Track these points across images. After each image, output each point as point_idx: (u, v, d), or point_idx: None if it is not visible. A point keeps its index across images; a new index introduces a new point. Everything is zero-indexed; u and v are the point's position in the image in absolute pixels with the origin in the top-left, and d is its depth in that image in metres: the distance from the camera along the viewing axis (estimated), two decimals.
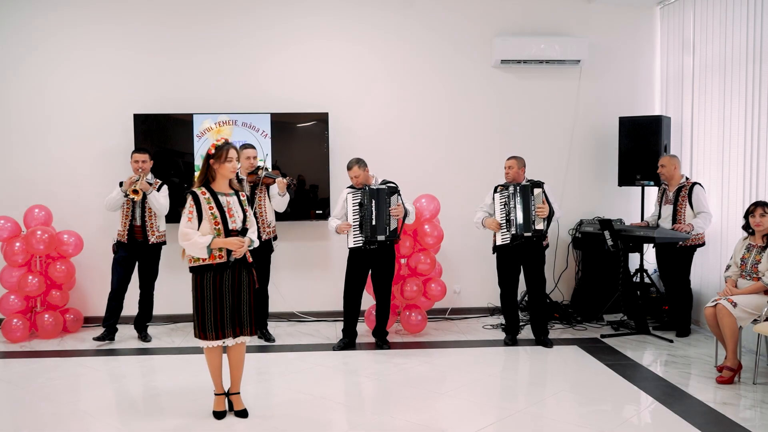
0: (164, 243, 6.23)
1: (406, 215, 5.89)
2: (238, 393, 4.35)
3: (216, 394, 4.34)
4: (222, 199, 4.18)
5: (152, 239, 6.09)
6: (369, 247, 5.77)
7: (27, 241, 6.21)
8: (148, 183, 6.00)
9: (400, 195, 5.90)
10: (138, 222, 6.05)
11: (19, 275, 6.29)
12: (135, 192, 5.86)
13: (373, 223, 5.72)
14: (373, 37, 7.09)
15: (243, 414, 4.29)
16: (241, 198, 4.29)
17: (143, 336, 6.25)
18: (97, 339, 6.11)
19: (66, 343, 6.23)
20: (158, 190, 6.09)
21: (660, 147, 6.67)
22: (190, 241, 4.07)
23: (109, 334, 6.17)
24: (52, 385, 5.01)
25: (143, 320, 6.30)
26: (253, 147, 6.08)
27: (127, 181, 5.95)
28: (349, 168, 5.85)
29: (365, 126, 7.07)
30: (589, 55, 7.10)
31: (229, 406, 4.36)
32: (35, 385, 5.00)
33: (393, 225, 5.82)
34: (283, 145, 6.85)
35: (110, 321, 6.17)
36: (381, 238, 5.75)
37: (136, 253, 6.14)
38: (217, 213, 4.13)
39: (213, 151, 4.18)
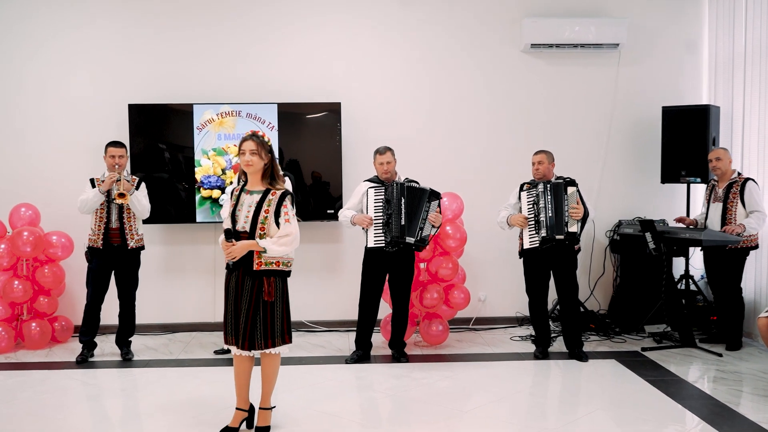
0: (143, 248, 6.06)
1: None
2: (266, 408, 4.36)
3: (236, 408, 4.37)
4: (244, 196, 4.22)
5: (131, 243, 5.92)
6: (391, 248, 5.76)
7: (12, 243, 6.25)
8: (126, 181, 5.86)
9: (440, 203, 5.90)
10: (115, 225, 5.85)
11: (3, 280, 6.33)
12: (121, 195, 5.70)
13: (402, 222, 5.71)
14: (389, 20, 7.09)
15: (263, 430, 4.31)
16: (270, 197, 4.18)
17: (125, 353, 6.08)
18: (80, 362, 5.95)
19: (54, 354, 6.27)
20: (137, 188, 5.95)
21: (708, 140, 6.62)
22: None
23: (89, 351, 6.04)
24: (40, 399, 5.03)
25: (126, 335, 6.12)
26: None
27: (107, 181, 5.76)
28: (381, 153, 5.82)
29: (381, 117, 7.07)
30: (629, 39, 7.05)
31: (249, 423, 4.40)
32: (21, 400, 5.02)
33: (427, 231, 5.80)
34: (291, 138, 6.86)
35: (88, 336, 6.02)
36: (410, 240, 5.72)
37: (113, 260, 5.93)
38: (230, 211, 4.22)
39: None
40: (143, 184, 6.06)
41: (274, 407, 4.42)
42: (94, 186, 5.89)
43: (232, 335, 4.22)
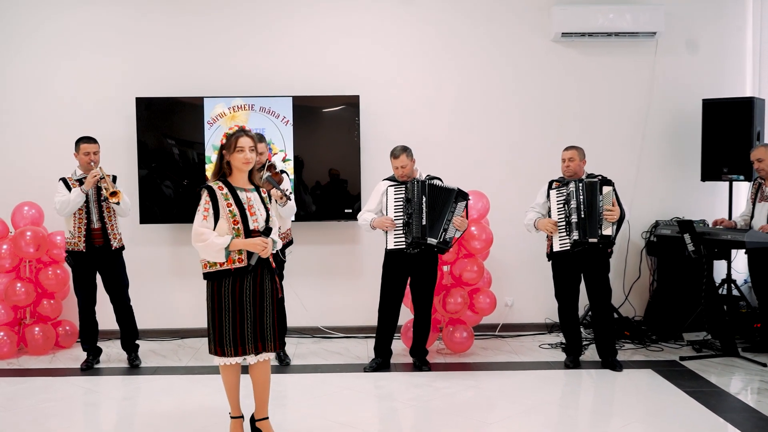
0: (124, 248, 6.07)
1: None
2: (266, 418, 4.37)
3: (232, 417, 4.38)
4: (241, 195, 4.22)
5: (114, 243, 5.94)
6: (412, 250, 5.75)
7: (15, 243, 6.31)
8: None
9: (467, 204, 5.88)
10: (96, 224, 5.87)
11: (6, 282, 6.38)
12: (113, 194, 5.72)
13: (424, 222, 5.69)
14: (411, 8, 7.08)
15: None
16: (263, 194, 4.33)
17: (132, 359, 6.12)
18: (85, 369, 5.98)
19: (58, 360, 6.32)
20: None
21: (752, 134, 6.57)
22: (206, 242, 4.09)
23: (94, 358, 6.10)
24: (43, 407, 5.07)
25: (130, 338, 6.15)
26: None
27: (90, 180, 5.76)
28: (395, 156, 5.80)
29: (401, 110, 7.07)
30: (666, 27, 7.00)
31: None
32: (23, 408, 5.07)
33: (451, 233, 5.78)
34: (307, 133, 6.87)
35: (89, 344, 6.08)
36: (432, 241, 5.70)
37: (96, 263, 5.97)
38: (236, 210, 4.16)
39: (224, 140, 4.23)
40: (118, 180, 6.11)
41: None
42: (68, 186, 5.88)
43: (252, 342, 4.18)
